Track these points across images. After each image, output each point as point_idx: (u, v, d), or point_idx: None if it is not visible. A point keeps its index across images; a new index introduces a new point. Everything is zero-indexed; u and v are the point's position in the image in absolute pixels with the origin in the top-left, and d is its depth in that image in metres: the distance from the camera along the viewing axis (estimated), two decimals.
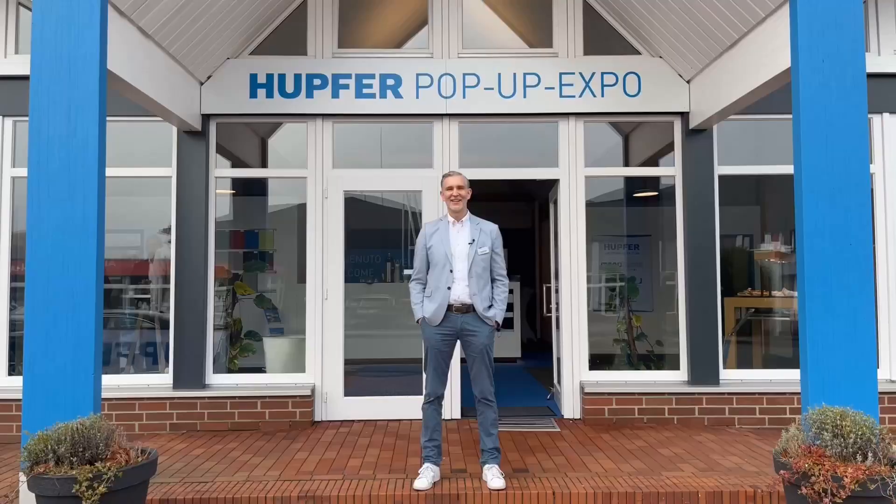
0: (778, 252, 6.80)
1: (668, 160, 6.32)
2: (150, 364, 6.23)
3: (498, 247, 4.33)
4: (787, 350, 6.40)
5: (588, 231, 6.15)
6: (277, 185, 6.49)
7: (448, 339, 4.28)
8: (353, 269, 6.54)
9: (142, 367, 6.22)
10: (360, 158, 6.28)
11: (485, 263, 4.25)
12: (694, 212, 5.98)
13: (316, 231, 6.07)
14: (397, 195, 6.39)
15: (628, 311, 6.45)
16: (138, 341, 6.29)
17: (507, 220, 13.35)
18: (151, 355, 6.24)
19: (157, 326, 6.16)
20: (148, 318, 6.24)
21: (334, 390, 5.98)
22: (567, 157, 6.14)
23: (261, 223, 6.72)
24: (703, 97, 5.80)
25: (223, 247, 6.46)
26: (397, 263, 6.61)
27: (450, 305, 4.21)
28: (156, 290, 6.20)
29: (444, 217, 4.45)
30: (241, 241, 6.82)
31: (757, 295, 6.71)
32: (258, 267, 6.54)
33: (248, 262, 6.58)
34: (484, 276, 4.25)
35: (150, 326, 6.21)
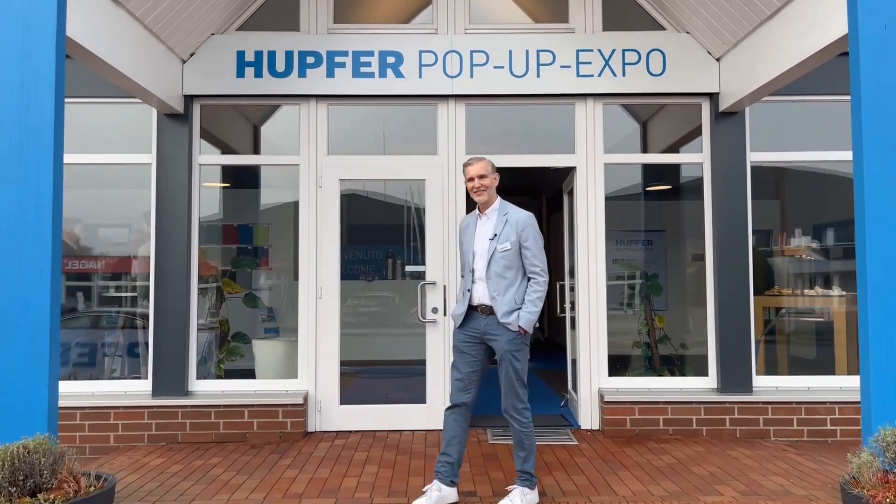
0: (809, 248, 6.26)
1: (693, 147, 5.77)
2: (132, 368, 5.71)
3: (528, 238, 3.72)
4: (825, 354, 5.86)
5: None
6: (273, 176, 5.96)
7: (470, 341, 3.79)
8: (353, 265, 6.06)
9: (122, 372, 5.70)
10: (358, 144, 5.74)
11: (507, 261, 3.71)
12: (724, 202, 5.44)
13: (309, 224, 5.54)
14: (399, 186, 5.84)
15: (650, 311, 5.92)
16: (119, 343, 5.77)
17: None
18: (132, 359, 5.73)
19: (140, 327, 5.64)
20: (129, 318, 5.72)
21: (329, 398, 5.45)
22: (585, 143, 5.60)
23: (256, 217, 6.21)
24: (735, 76, 5.25)
25: (215, 242, 5.95)
26: (399, 259, 6.09)
27: (475, 306, 3.75)
28: (141, 289, 5.67)
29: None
30: (234, 236, 6.33)
31: (787, 294, 6.18)
32: (247, 263, 6.01)
33: (236, 257, 6.05)
34: (507, 276, 3.70)
35: (131, 327, 5.68)
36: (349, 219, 6.32)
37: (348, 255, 6.35)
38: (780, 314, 6.08)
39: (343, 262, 6.19)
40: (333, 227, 5.53)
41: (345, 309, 5.71)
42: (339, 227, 5.54)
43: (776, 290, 6.02)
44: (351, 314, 5.79)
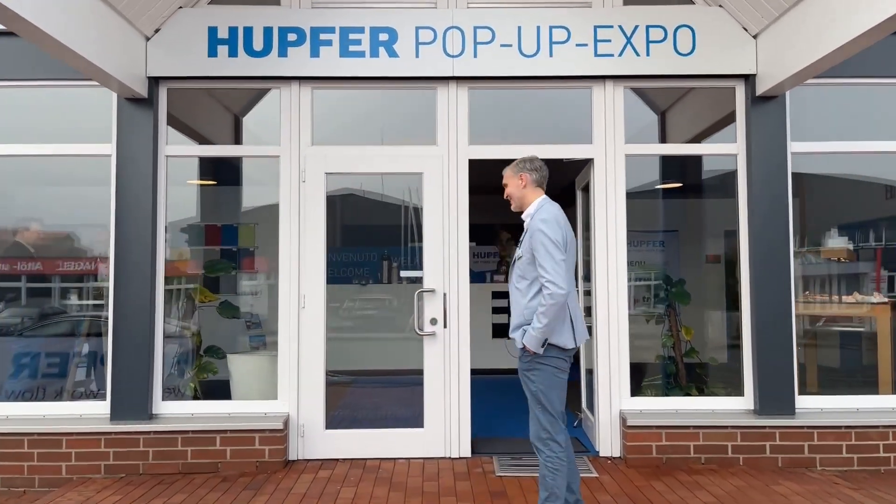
0: (847, 250, 5.64)
1: (721, 138, 5.13)
2: (93, 385, 5.04)
3: (535, 244, 3.22)
4: (868, 370, 5.23)
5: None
6: (260, 171, 5.32)
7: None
8: (346, 267, 5.52)
9: (83, 390, 5.04)
10: (346, 133, 5.06)
11: (520, 271, 3.34)
12: (762, 198, 4.78)
13: (290, 223, 4.88)
14: (396, 182, 5.16)
15: (676, 322, 5.26)
16: (81, 355, 5.11)
17: (514, 215, 12.37)
18: (92, 373, 5.06)
19: (104, 336, 4.96)
20: (94, 327, 5.05)
21: (313, 422, 4.79)
22: (603, 131, 4.94)
23: (242, 216, 5.59)
24: (775, 55, 4.60)
25: (196, 243, 5.36)
26: (395, 262, 5.44)
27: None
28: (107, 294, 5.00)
29: None
30: (217, 237, 5.69)
31: (823, 300, 5.54)
32: (221, 267, 5.35)
33: (210, 261, 5.39)
34: (520, 287, 3.32)
35: (95, 334, 5.02)
36: (343, 219, 5.74)
37: (341, 257, 5.73)
38: (815, 323, 5.46)
39: (335, 264, 5.49)
40: (318, 226, 4.87)
41: (337, 314, 5.09)
42: (324, 227, 4.88)
43: (810, 297, 5.39)
44: (346, 318, 5.18)
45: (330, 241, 5.95)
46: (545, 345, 3.15)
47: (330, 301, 4.99)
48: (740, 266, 4.92)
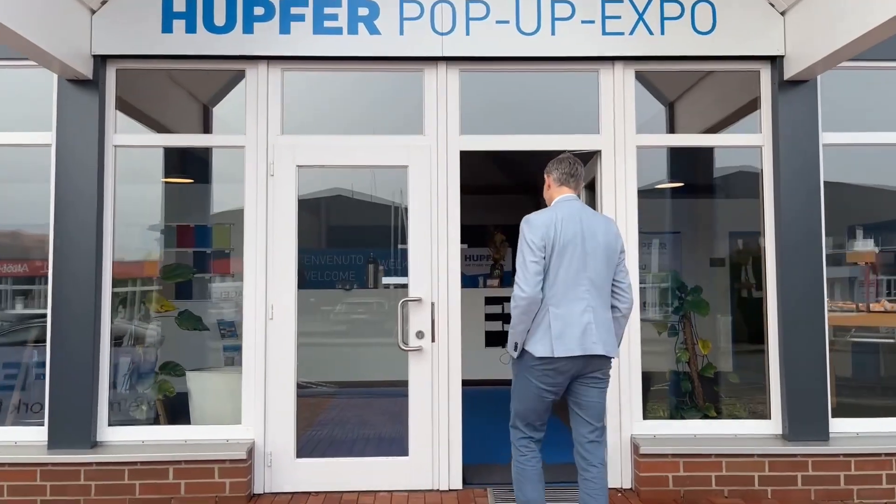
0: (872, 253, 5.11)
1: (740, 128, 4.60)
2: (32, 409, 4.44)
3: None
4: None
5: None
6: (235, 167, 4.69)
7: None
8: (329, 271, 5.16)
9: (20, 413, 4.44)
10: (321, 121, 4.47)
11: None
12: (792, 196, 4.24)
13: (257, 223, 4.28)
14: (385, 179, 4.60)
15: (692, 334, 4.71)
16: (26, 368, 4.52)
17: (504, 215, 11.74)
18: (33, 393, 4.46)
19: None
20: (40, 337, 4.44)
21: (282, 449, 4.19)
22: (612, 119, 4.37)
23: (223, 216, 5.03)
24: (806, 34, 4.06)
25: (168, 245, 4.86)
26: (382, 266, 4.91)
27: None
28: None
29: None
30: (190, 239, 5.14)
31: (849, 309, 5.01)
32: (180, 273, 4.76)
33: (168, 266, 4.80)
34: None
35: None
36: (329, 219, 5.33)
37: (325, 259, 5.35)
38: (841, 335, 4.92)
39: (318, 268, 5.10)
40: (288, 227, 4.27)
41: (317, 321, 4.62)
42: (296, 228, 4.28)
43: (833, 305, 4.85)
44: (327, 325, 4.72)
45: (314, 243, 5.52)
46: (518, 349, 3.09)
47: (309, 307, 4.46)
48: (765, 272, 4.36)
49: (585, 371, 3.07)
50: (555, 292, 3.00)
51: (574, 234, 3.03)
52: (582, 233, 3.04)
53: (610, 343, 3.07)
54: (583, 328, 3.00)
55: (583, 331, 3.00)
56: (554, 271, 3.01)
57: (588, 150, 4.42)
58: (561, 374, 3.05)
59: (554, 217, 3.07)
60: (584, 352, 2.99)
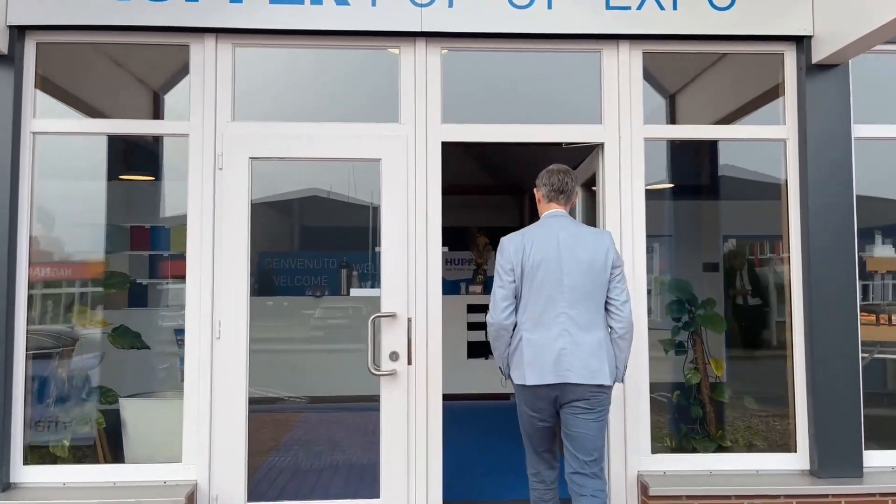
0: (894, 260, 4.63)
1: (755, 120, 4.07)
2: None
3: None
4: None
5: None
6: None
7: None
8: (296, 276, 4.69)
9: None
10: (279, 106, 3.83)
11: None
12: (822, 195, 3.70)
13: (202, 224, 3.65)
14: (365, 180, 3.98)
15: (703, 354, 4.15)
16: None
17: (489, 217, 11.26)
18: None
19: None
20: None
21: (230, 491, 3.56)
22: (616, 108, 3.80)
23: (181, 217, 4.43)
24: (837, 12, 3.53)
25: (120, 248, 4.23)
26: (356, 271, 4.35)
27: None
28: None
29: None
30: (145, 241, 4.52)
31: (868, 322, 4.50)
32: (116, 282, 4.09)
33: (105, 275, 4.14)
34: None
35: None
36: (301, 221, 4.90)
37: (293, 263, 4.89)
38: (865, 351, 4.41)
39: (287, 272, 4.68)
40: (239, 229, 3.64)
41: (279, 331, 4.06)
42: (248, 231, 3.65)
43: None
44: (291, 336, 4.12)
45: (283, 246, 4.96)
46: (503, 374, 3.07)
47: (275, 315, 3.92)
48: (790, 282, 3.82)
49: (568, 399, 2.89)
50: (528, 317, 2.90)
51: (547, 255, 2.89)
52: (558, 252, 2.89)
53: (592, 369, 2.84)
54: (556, 354, 2.84)
55: (556, 357, 2.84)
56: (526, 295, 2.90)
57: (589, 142, 3.85)
58: (541, 401, 2.92)
59: (524, 238, 2.96)
60: (557, 380, 2.84)
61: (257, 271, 4.51)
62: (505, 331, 2.92)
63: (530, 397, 2.92)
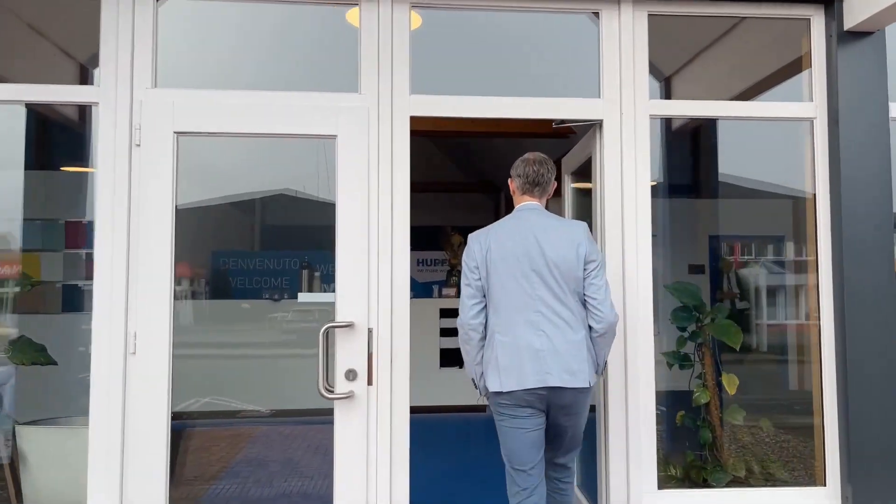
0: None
1: (776, 97, 3.54)
2: None
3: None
4: None
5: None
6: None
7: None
8: (253, 278, 4.18)
9: None
10: (213, 71, 3.17)
11: None
12: (857, 181, 3.16)
13: (114, 213, 2.96)
14: (293, 147, 3.35)
15: (714, 368, 3.59)
16: None
17: (464, 216, 10.68)
18: None
19: None
20: None
21: None
22: (618, 79, 3.21)
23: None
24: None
25: (53, 246, 3.68)
26: (317, 271, 3.79)
27: None
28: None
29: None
30: (81, 237, 3.96)
31: None
32: (21, 284, 3.40)
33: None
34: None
35: None
36: (263, 219, 4.39)
37: (249, 264, 4.42)
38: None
39: (242, 273, 4.22)
40: (161, 222, 2.97)
41: (230, 338, 3.53)
42: (172, 223, 2.98)
43: None
44: (242, 343, 3.57)
45: (238, 245, 4.60)
46: (477, 386, 2.81)
47: (225, 320, 3.49)
48: (819, 285, 3.27)
49: (557, 403, 2.66)
50: (500, 318, 2.68)
51: (516, 250, 2.68)
52: (529, 247, 2.68)
53: (574, 371, 2.62)
54: (532, 356, 2.63)
55: (532, 359, 2.63)
56: (497, 295, 2.68)
57: (585, 120, 3.26)
58: (523, 409, 2.67)
59: (490, 235, 2.75)
60: (537, 383, 2.62)
61: (210, 272, 4.23)
62: (474, 331, 2.71)
63: (509, 405, 2.68)
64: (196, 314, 4.43)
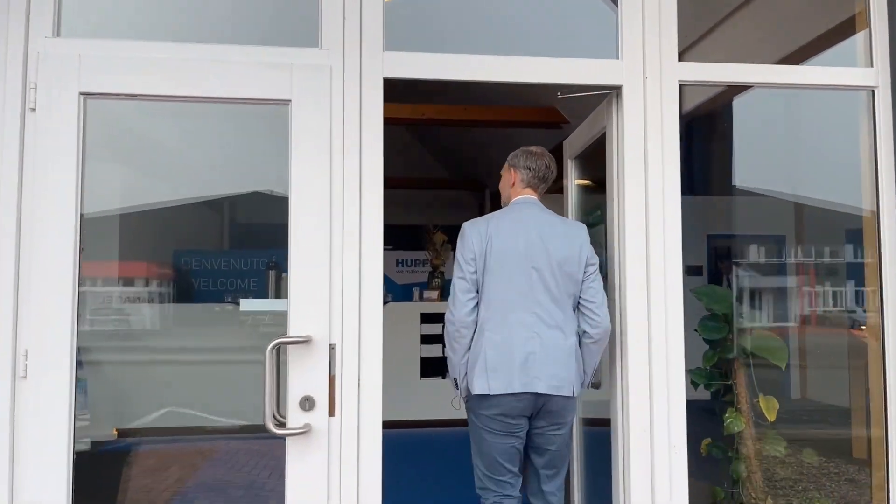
0: None
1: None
2: None
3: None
4: None
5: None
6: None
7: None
8: (218, 279, 4.12)
9: None
10: (132, 18, 2.53)
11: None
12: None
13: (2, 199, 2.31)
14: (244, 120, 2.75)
15: (749, 390, 3.01)
16: None
17: (446, 213, 10.13)
18: None
19: None
20: None
21: None
22: (640, 37, 2.61)
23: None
24: None
25: None
26: (285, 272, 3.23)
27: None
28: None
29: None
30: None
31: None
32: None
33: None
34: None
35: None
36: (233, 218, 4.30)
37: (217, 263, 4.30)
38: None
39: (206, 274, 4.16)
40: (63, 205, 2.31)
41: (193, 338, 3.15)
42: (76, 208, 2.32)
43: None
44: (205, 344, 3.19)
45: (202, 244, 4.50)
46: (458, 387, 2.70)
47: (184, 325, 3.26)
48: (884, 285, 2.69)
49: (543, 410, 2.58)
50: (492, 315, 2.59)
51: (518, 245, 2.60)
52: (530, 242, 2.60)
53: (562, 378, 2.56)
54: (523, 359, 2.55)
55: (523, 362, 2.54)
56: (490, 291, 2.59)
57: (599, 86, 2.65)
58: (507, 414, 2.58)
59: (491, 225, 2.66)
60: (524, 388, 2.54)
61: (172, 273, 4.08)
62: (466, 329, 2.61)
63: (493, 411, 2.58)
64: (156, 317, 3.98)
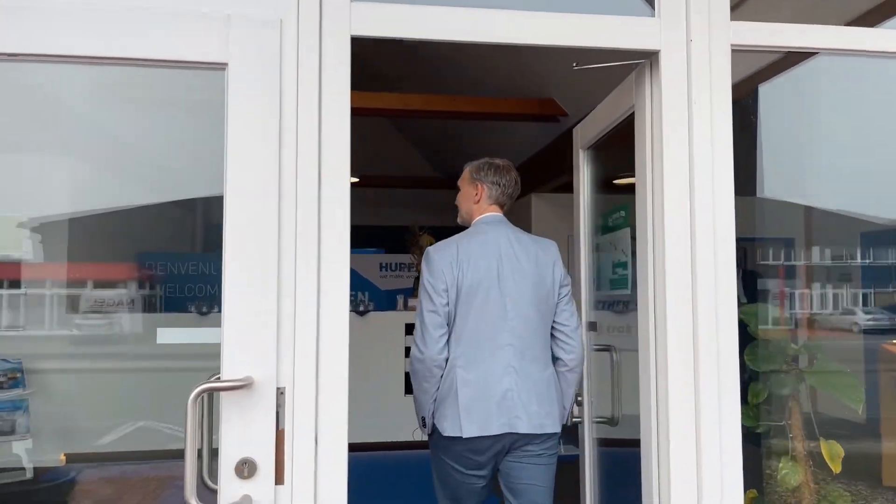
0: None
1: None
2: None
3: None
4: None
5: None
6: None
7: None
8: (186, 285, 4.18)
9: None
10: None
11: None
12: None
13: None
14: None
15: (805, 433, 2.46)
16: None
17: (433, 214, 9.61)
18: None
19: None
20: None
21: None
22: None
23: None
24: None
25: None
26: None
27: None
28: None
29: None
30: None
31: None
32: None
33: None
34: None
35: None
36: (209, 217, 3.75)
37: (185, 268, 4.38)
38: None
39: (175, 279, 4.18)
40: None
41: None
42: None
43: None
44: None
45: (180, 247, 4.54)
46: (425, 424, 2.50)
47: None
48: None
49: (516, 445, 2.41)
50: (463, 350, 2.40)
51: (489, 272, 2.41)
52: (500, 268, 2.43)
53: (544, 414, 2.40)
54: (500, 397, 2.38)
55: (500, 401, 2.38)
56: (461, 322, 2.40)
57: (628, 51, 2.07)
58: (480, 455, 2.41)
59: (461, 250, 2.44)
60: (502, 429, 2.37)
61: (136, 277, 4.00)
62: (438, 368, 2.42)
63: (464, 452, 2.42)
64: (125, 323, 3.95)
